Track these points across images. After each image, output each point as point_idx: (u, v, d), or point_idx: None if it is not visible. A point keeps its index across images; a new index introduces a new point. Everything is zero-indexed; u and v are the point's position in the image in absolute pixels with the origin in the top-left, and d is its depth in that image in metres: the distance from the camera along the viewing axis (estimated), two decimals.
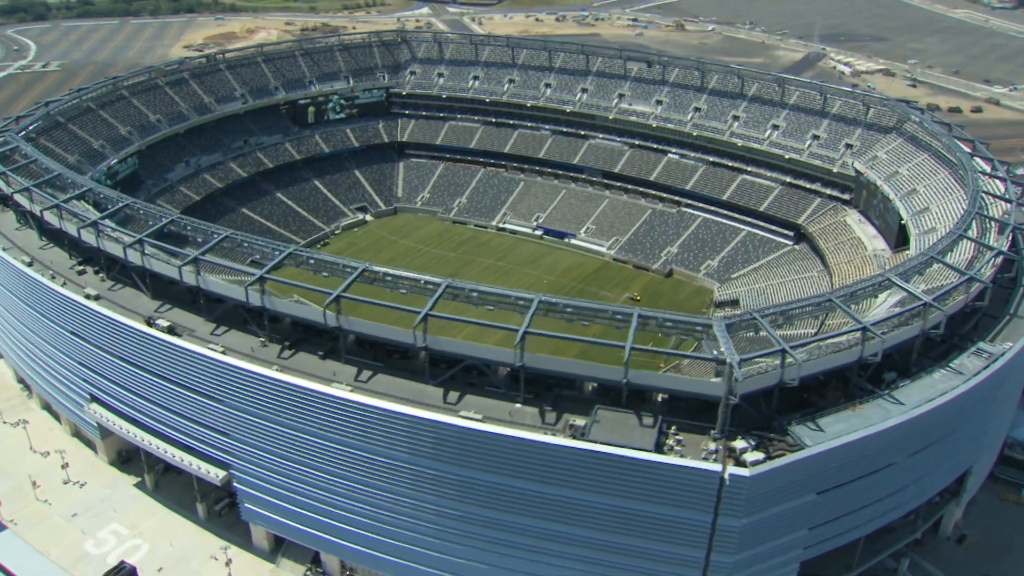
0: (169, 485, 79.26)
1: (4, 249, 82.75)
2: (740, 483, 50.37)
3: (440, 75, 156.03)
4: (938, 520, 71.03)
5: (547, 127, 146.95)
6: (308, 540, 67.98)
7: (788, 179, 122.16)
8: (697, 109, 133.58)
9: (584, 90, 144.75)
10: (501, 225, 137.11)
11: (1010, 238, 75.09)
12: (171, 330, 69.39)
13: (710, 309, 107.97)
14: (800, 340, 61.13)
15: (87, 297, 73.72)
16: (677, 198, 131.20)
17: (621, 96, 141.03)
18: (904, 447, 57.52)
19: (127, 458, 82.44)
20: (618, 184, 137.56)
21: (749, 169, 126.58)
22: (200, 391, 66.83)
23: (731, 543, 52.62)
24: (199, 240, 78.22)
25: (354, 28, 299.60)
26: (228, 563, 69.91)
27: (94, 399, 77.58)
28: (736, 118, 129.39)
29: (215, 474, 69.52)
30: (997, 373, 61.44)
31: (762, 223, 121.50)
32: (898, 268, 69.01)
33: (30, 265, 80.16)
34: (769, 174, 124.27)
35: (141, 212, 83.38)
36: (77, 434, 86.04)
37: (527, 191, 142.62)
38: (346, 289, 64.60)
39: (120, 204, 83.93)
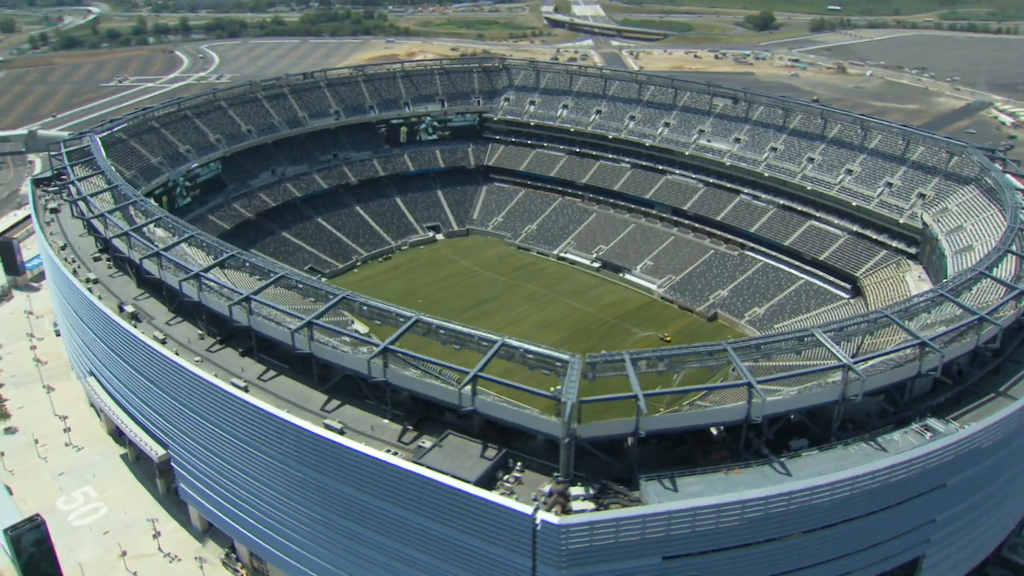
0: (146, 460, 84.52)
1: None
2: (550, 531, 46.96)
3: (532, 103, 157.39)
4: None
5: (627, 160, 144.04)
6: (222, 525, 70.55)
7: (855, 228, 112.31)
8: (774, 149, 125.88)
9: (667, 124, 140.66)
10: (562, 254, 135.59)
11: None
12: (134, 316, 74.78)
13: None
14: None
15: (86, 282, 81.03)
16: (742, 240, 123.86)
17: (701, 132, 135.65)
18: (788, 523, 50.81)
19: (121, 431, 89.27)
20: (687, 222, 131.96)
21: (818, 215, 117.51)
22: (144, 375, 71.53)
23: None
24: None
25: (511, 55, 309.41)
26: (156, 535, 73.96)
27: (91, 374, 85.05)
28: (811, 160, 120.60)
29: (156, 451, 74.02)
30: (932, 461, 52.88)
31: (822, 273, 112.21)
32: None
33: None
34: (837, 221, 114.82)
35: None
36: (93, 404, 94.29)
37: (596, 223, 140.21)
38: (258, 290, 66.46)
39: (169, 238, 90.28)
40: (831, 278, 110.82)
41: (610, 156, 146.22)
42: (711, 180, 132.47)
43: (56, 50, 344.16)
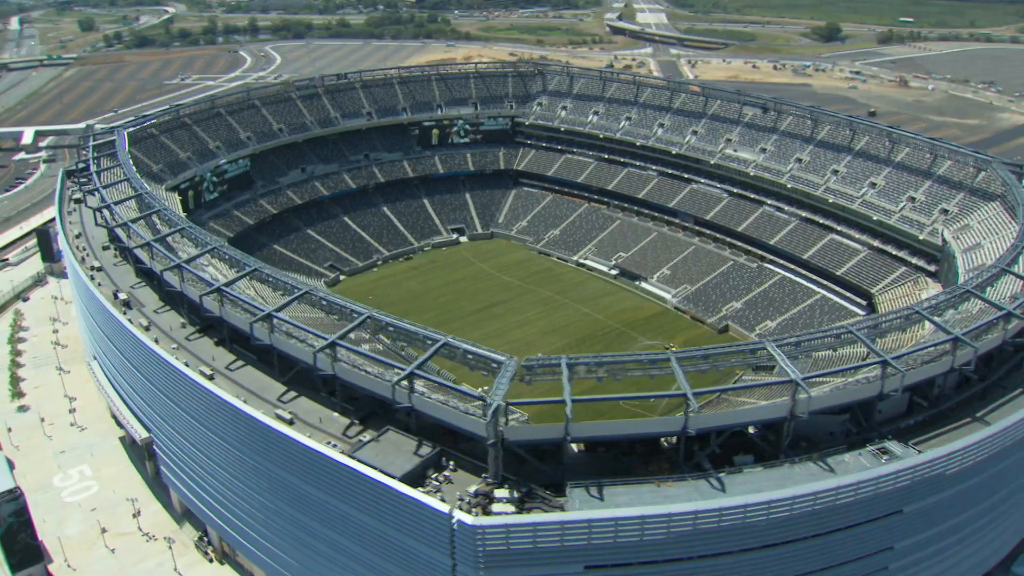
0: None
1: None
2: (466, 531, 46.74)
3: (564, 108, 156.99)
4: None
5: (654, 168, 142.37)
6: (194, 508, 72.35)
7: (876, 243, 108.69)
8: (799, 160, 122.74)
9: (695, 132, 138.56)
10: (581, 260, 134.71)
11: None
12: (126, 304, 77.34)
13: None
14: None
15: (90, 270, 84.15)
16: (762, 252, 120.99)
17: (728, 141, 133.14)
18: (721, 541, 49.34)
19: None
20: (708, 232, 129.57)
21: (839, 228, 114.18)
22: (129, 360, 73.95)
23: None
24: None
25: (567, 62, 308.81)
26: (136, 515, 76.30)
27: (95, 358, 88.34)
28: (836, 172, 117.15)
29: (140, 433, 76.35)
30: (884, 485, 50.64)
31: (838, 288, 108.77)
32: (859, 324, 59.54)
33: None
34: (858, 236, 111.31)
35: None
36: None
37: (619, 230, 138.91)
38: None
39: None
40: (847, 294, 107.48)
41: (638, 163, 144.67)
42: (736, 190, 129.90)
43: (128, 48, 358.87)
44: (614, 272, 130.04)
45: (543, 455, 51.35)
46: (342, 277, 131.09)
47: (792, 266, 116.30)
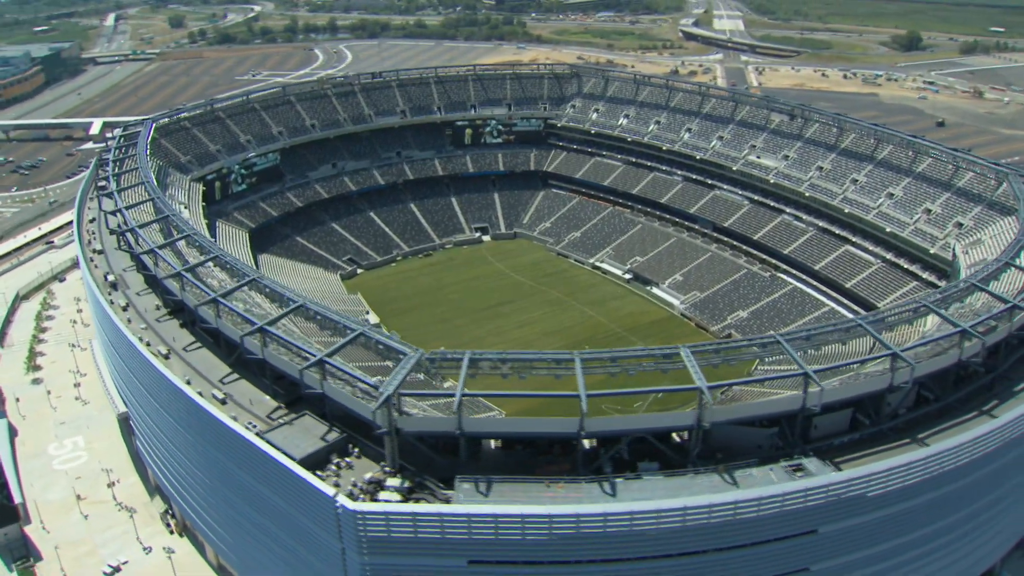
0: None
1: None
2: (348, 516, 47.55)
3: (596, 111, 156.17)
4: None
5: (680, 173, 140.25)
6: (157, 480, 75.35)
7: (890, 256, 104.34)
8: (820, 168, 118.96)
9: (720, 138, 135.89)
10: (597, 263, 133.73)
11: None
12: (113, 285, 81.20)
13: None
14: None
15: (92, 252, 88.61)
16: (776, 262, 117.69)
17: (752, 147, 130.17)
18: (608, 547, 48.54)
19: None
20: (726, 239, 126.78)
21: (854, 240, 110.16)
22: (109, 338, 77.69)
23: (357, 575, 49.40)
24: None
25: (632, 67, 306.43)
26: (111, 484, 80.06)
27: (97, 336, 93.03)
28: (855, 182, 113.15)
29: (119, 405, 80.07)
30: (792, 502, 48.98)
31: (847, 301, 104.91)
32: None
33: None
34: (872, 248, 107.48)
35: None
36: None
37: (639, 234, 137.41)
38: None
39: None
40: (855, 307, 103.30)
41: (664, 168, 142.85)
42: (756, 197, 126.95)
43: (211, 45, 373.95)
44: (627, 276, 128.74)
45: (456, 449, 51.53)
46: (359, 271, 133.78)
47: (804, 276, 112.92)
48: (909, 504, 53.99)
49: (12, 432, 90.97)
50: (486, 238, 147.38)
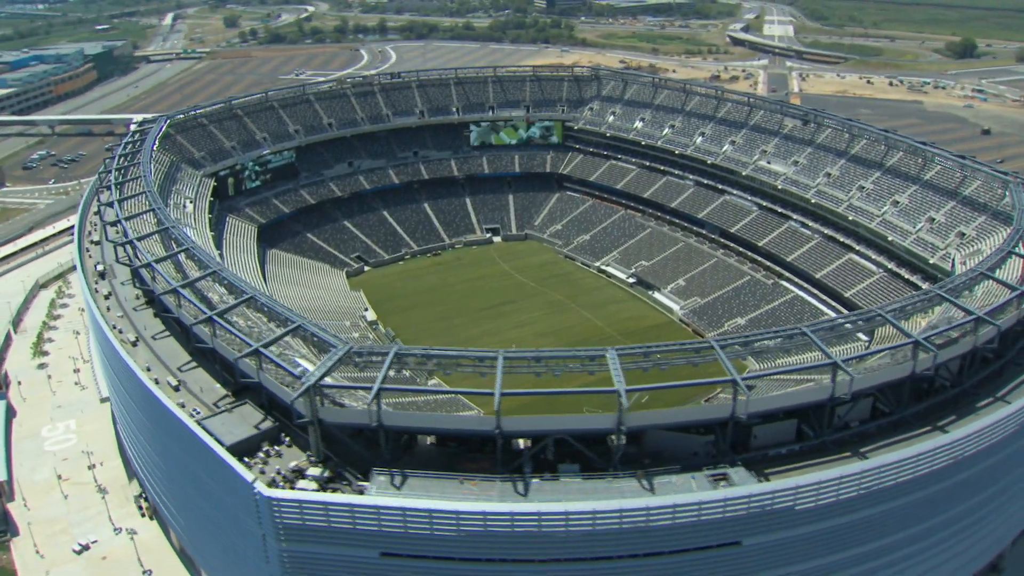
0: None
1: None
2: (264, 502, 48.44)
3: (613, 113, 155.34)
4: None
5: (691, 177, 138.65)
6: (132, 463, 77.50)
7: (892, 265, 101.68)
8: (828, 174, 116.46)
9: (733, 142, 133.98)
10: (602, 267, 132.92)
11: None
12: (101, 275, 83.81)
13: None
14: None
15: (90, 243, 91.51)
16: (780, 269, 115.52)
17: (763, 152, 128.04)
18: (517, 547, 48.30)
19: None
20: (733, 245, 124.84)
21: (858, 248, 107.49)
22: (94, 326, 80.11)
23: (276, 561, 50.15)
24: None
25: (674, 72, 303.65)
26: (91, 467, 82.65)
27: None
28: (861, 189, 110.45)
29: (104, 391, 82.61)
30: (710, 512, 48.10)
31: (847, 311, 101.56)
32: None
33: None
34: (875, 256, 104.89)
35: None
36: None
37: (648, 238, 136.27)
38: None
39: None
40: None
41: (676, 172, 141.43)
42: (765, 203, 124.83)
43: (261, 44, 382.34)
44: (631, 280, 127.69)
45: (384, 441, 51.94)
46: (366, 268, 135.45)
47: (806, 285, 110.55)
48: (845, 520, 52.53)
49: (11, 413, 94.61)
50: (496, 239, 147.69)
